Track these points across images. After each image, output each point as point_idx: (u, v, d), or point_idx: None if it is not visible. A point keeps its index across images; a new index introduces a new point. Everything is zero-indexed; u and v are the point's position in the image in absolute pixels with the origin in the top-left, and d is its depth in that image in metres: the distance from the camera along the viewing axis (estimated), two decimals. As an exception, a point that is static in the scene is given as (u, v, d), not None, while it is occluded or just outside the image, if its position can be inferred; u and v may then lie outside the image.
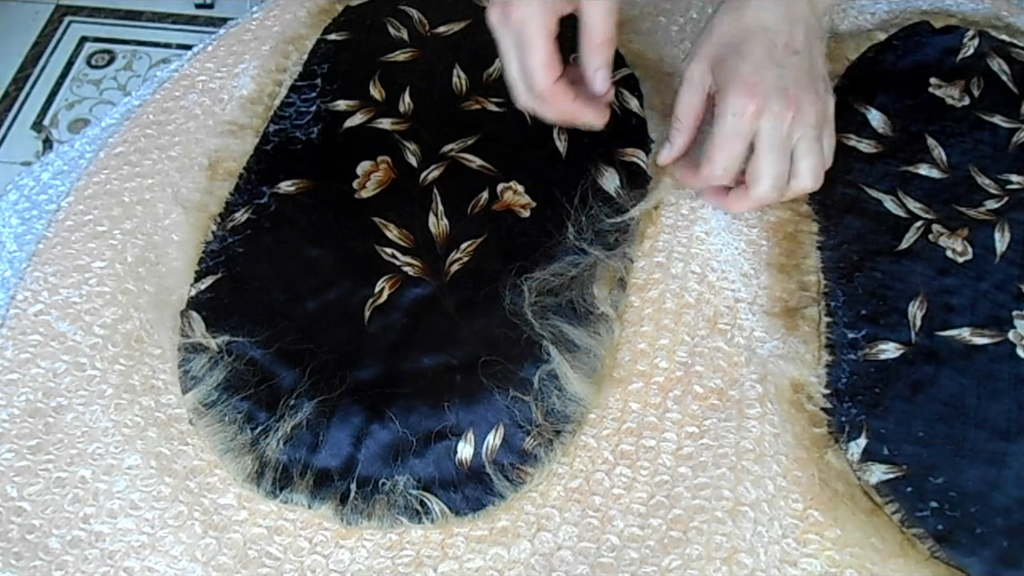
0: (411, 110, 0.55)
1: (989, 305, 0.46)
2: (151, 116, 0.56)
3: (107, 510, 0.41)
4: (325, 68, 0.57)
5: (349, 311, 0.46)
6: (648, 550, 0.40)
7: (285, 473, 0.42)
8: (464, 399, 0.43)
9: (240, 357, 0.45)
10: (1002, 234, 0.48)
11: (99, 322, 0.47)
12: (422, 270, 0.48)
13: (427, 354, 0.45)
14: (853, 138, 0.53)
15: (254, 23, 0.61)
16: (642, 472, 0.43)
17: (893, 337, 0.45)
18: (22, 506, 0.42)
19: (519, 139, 0.53)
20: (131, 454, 0.43)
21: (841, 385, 0.44)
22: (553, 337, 0.45)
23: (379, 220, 0.50)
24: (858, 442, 0.42)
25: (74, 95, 1.44)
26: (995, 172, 0.51)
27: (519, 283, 0.47)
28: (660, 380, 0.45)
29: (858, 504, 0.41)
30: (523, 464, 0.42)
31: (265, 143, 0.54)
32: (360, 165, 0.52)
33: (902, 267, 0.47)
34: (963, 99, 0.54)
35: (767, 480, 0.42)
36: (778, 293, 0.48)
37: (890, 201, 0.50)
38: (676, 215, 0.51)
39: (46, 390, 0.45)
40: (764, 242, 0.50)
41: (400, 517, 0.41)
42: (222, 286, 0.48)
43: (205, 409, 0.43)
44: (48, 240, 0.50)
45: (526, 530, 0.41)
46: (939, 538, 0.40)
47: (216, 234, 0.50)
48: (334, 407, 0.43)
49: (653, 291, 0.48)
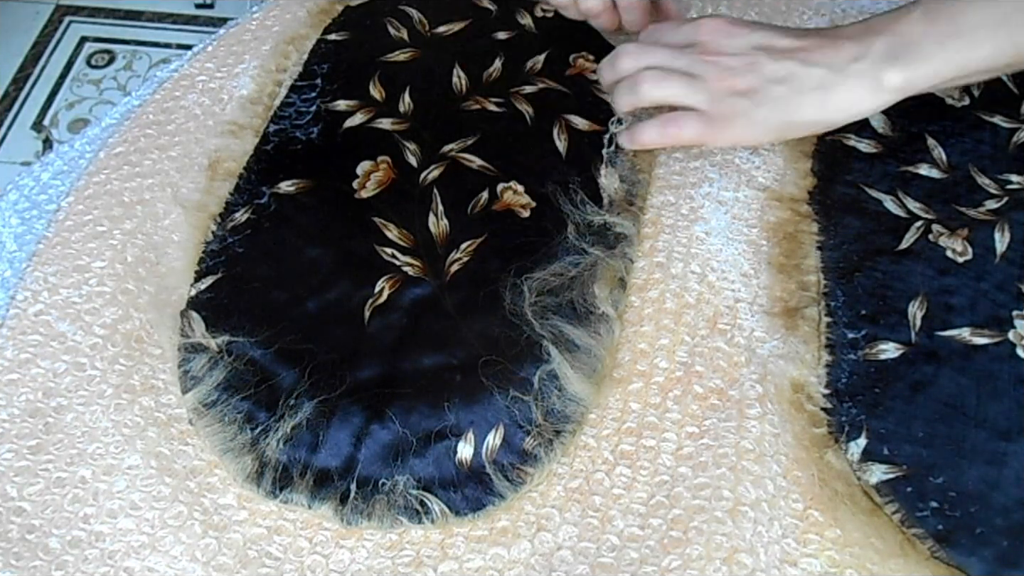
0: (411, 110, 0.55)
1: (989, 305, 0.46)
2: (151, 116, 0.56)
3: (107, 510, 0.41)
4: (325, 68, 0.57)
5: (349, 311, 0.46)
6: (648, 550, 0.40)
7: (285, 473, 0.42)
8: (464, 399, 0.43)
9: (240, 357, 0.45)
10: (1002, 234, 0.48)
11: (99, 322, 0.47)
12: (422, 270, 0.48)
13: (427, 354, 0.45)
14: (853, 138, 0.53)
15: (254, 23, 0.61)
16: (642, 472, 0.43)
17: (893, 337, 0.45)
18: (22, 506, 0.42)
19: (519, 139, 0.53)
20: (131, 454, 0.43)
21: (841, 385, 0.44)
22: (553, 337, 0.45)
23: (379, 220, 0.50)
24: (858, 442, 0.42)
25: (74, 95, 1.44)
26: (995, 172, 0.51)
27: (519, 283, 0.47)
28: (660, 380, 0.45)
29: (858, 504, 0.41)
30: (523, 464, 0.42)
31: (265, 143, 0.54)
32: (360, 165, 0.52)
33: (902, 267, 0.47)
34: (963, 99, 0.54)
35: (767, 480, 0.42)
36: (778, 293, 0.48)
37: (890, 201, 0.50)
38: (676, 215, 0.51)
39: (46, 390, 0.45)
40: (764, 242, 0.50)
41: (400, 517, 0.41)
42: (222, 286, 0.48)
43: (205, 409, 0.43)
44: (48, 240, 0.50)
45: (526, 530, 0.41)
46: (939, 538, 0.40)
47: (216, 234, 0.50)
48: (334, 407, 0.43)
49: (653, 291, 0.48)
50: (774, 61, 0.47)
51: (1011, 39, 0.44)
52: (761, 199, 0.52)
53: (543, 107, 0.55)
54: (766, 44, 0.47)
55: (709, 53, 0.48)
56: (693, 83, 0.48)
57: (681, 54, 0.49)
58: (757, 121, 0.48)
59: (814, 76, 0.46)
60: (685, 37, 0.49)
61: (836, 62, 0.46)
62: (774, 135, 0.49)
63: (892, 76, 0.45)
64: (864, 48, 0.46)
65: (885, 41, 0.45)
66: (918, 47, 0.45)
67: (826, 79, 0.46)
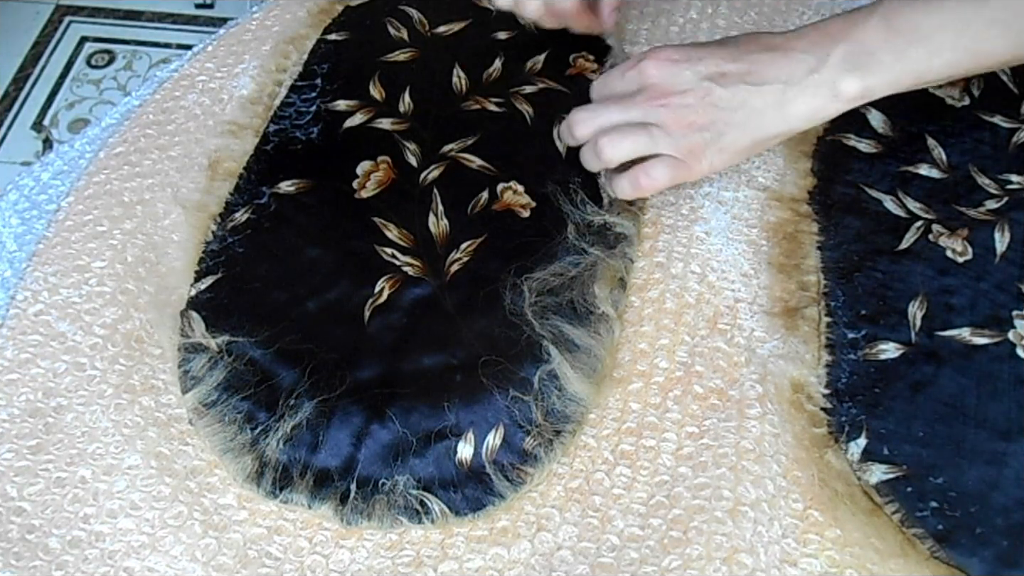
0: (411, 110, 0.55)
1: (989, 305, 0.46)
2: (151, 116, 0.56)
3: (107, 510, 0.41)
4: (325, 68, 0.57)
5: (349, 311, 0.46)
6: (648, 550, 0.40)
7: (285, 473, 0.42)
8: (464, 399, 0.43)
9: (240, 357, 0.45)
10: (1002, 234, 0.48)
11: (99, 322, 0.47)
12: (422, 270, 0.48)
13: (427, 354, 0.45)
14: (853, 138, 0.53)
15: (254, 23, 0.61)
16: (642, 472, 0.43)
17: (893, 337, 0.45)
18: (22, 506, 0.42)
19: (519, 139, 0.53)
20: (131, 454, 0.43)
21: (841, 385, 0.44)
22: (553, 337, 0.45)
23: (379, 220, 0.50)
24: (858, 442, 0.42)
25: (74, 95, 1.44)
26: (995, 172, 0.51)
27: (519, 283, 0.47)
28: (660, 380, 0.45)
29: (858, 504, 0.41)
30: (523, 464, 0.42)
31: (265, 143, 0.54)
32: (360, 165, 0.52)
33: (902, 267, 0.47)
34: (963, 99, 0.54)
35: (767, 480, 0.42)
36: (778, 293, 0.48)
37: (890, 201, 0.50)
38: (676, 215, 0.51)
39: (46, 390, 0.45)
40: (764, 242, 0.50)
41: (400, 517, 0.41)
42: (222, 286, 0.48)
43: (205, 409, 0.43)
44: (48, 240, 0.50)
45: (526, 530, 0.41)
46: (939, 538, 0.40)
47: (216, 234, 0.50)
48: (334, 407, 0.43)
49: (653, 291, 0.48)
50: (726, 88, 0.46)
51: (970, 47, 0.44)
52: (761, 199, 0.52)
53: (543, 107, 0.55)
54: (714, 72, 0.46)
55: (659, 96, 0.47)
56: (652, 133, 0.47)
57: (633, 105, 0.47)
58: (725, 147, 0.47)
59: (770, 94, 0.45)
60: (632, 84, 0.48)
61: (792, 75, 0.45)
62: (746, 155, 0.49)
63: (850, 85, 0.45)
64: (821, 58, 0.45)
65: (843, 49, 0.44)
66: (877, 57, 0.44)
67: (783, 94, 0.45)
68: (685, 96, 0.46)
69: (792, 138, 0.53)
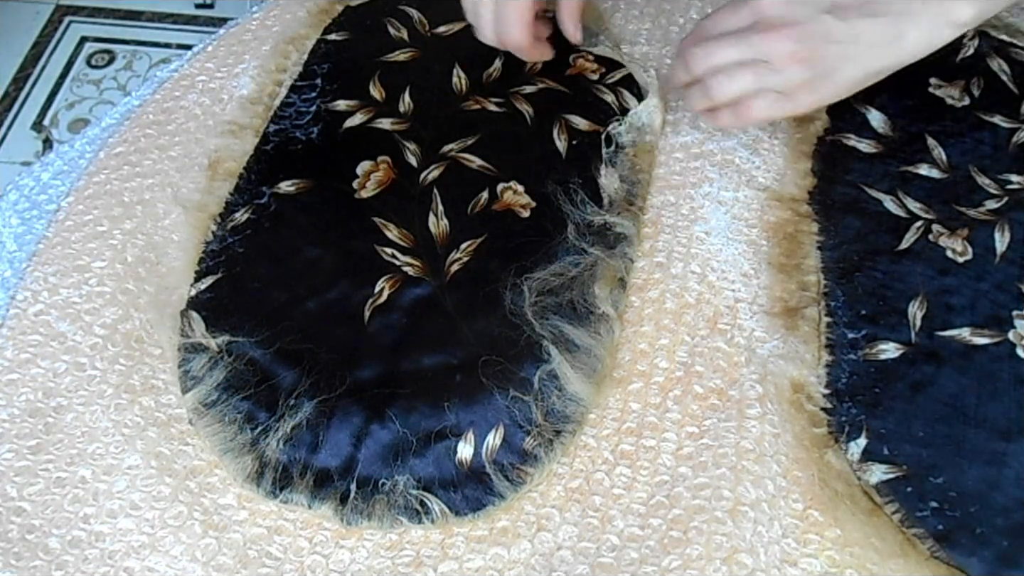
0: (411, 110, 0.55)
1: (989, 305, 0.46)
2: (151, 116, 0.56)
3: (107, 510, 0.41)
4: (325, 68, 0.57)
5: (349, 311, 0.46)
6: (648, 550, 0.40)
7: (285, 473, 0.42)
8: (464, 399, 0.43)
9: (240, 357, 0.45)
10: (1002, 234, 0.48)
11: (99, 322, 0.47)
12: (422, 270, 0.48)
13: (427, 354, 0.45)
14: (853, 138, 0.53)
15: (254, 23, 0.61)
16: (642, 472, 0.43)
17: (893, 337, 0.45)
18: (22, 506, 0.42)
19: (519, 139, 0.53)
20: (131, 454, 0.43)
21: (841, 385, 0.44)
22: (553, 337, 0.45)
23: (379, 220, 0.50)
24: (858, 442, 0.42)
25: (74, 95, 1.44)
26: (995, 172, 0.51)
27: (519, 283, 0.47)
28: (660, 380, 0.45)
29: (858, 504, 0.41)
30: (523, 464, 0.42)
31: (265, 143, 0.54)
32: (360, 165, 0.52)
33: (902, 267, 0.47)
34: (963, 99, 0.54)
35: (767, 480, 0.42)
36: (778, 293, 0.48)
37: (890, 201, 0.50)
38: (676, 215, 0.51)
39: (46, 390, 0.45)
40: (764, 242, 0.50)
41: (400, 517, 0.41)
42: (222, 286, 0.48)
43: (205, 409, 0.43)
44: (48, 240, 0.50)
45: (526, 530, 0.41)
46: (939, 538, 0.40)
47: (216, 234, 0.50)
48: (334, 407, 0.43)
49: (653, 291, 0.48)
50: (843, 21, 0.45)
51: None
52: (761, 199, 0.52)
53: (543, 107, 0.55)
54: (831, 4, 0.46)
55: (774, 27, 0.46)
56: (762, 72, 0.47)
57: (747, 41, 0.47)
58: (837, 81, 0.47)
59: (886, 25, 0.45)
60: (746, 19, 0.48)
61: (909, 5, 0.45)
62: (856, 89, 0.48)
63: (964, 10, 0.45)
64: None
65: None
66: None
67: (898, 26, 0.45)
68: (802, 29, 0.46)
69: (792, 138, 0.54)
